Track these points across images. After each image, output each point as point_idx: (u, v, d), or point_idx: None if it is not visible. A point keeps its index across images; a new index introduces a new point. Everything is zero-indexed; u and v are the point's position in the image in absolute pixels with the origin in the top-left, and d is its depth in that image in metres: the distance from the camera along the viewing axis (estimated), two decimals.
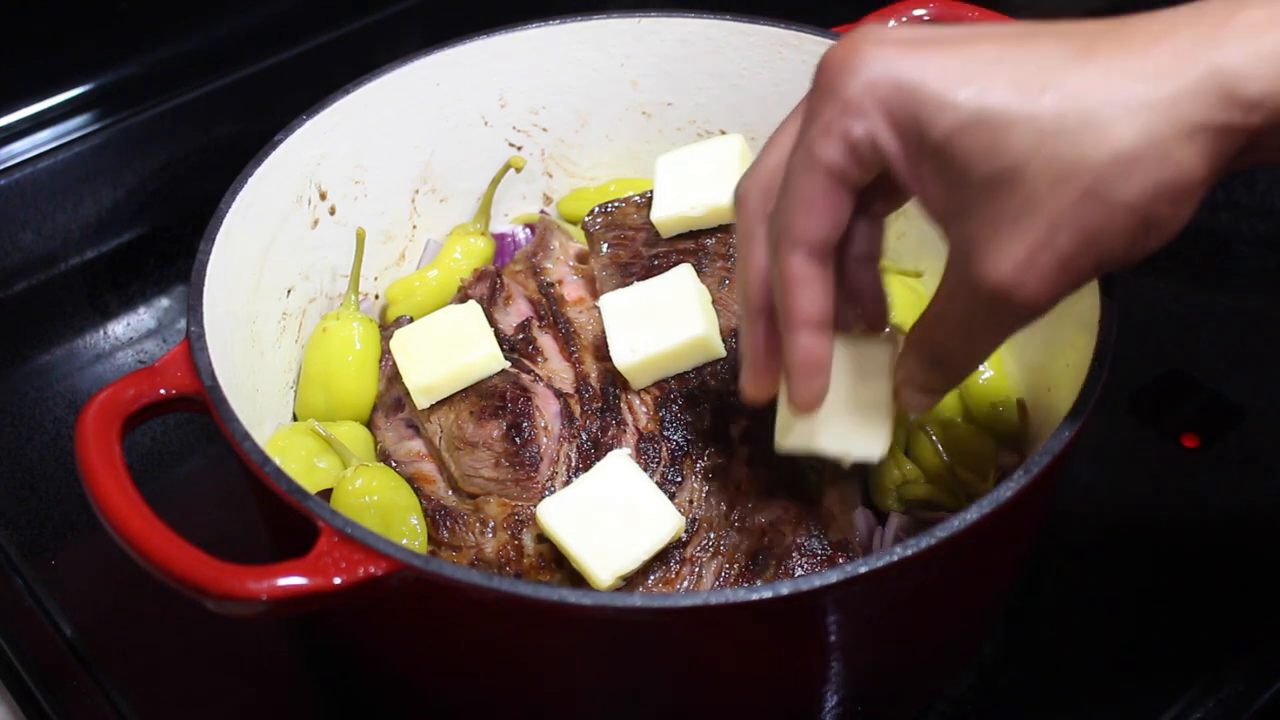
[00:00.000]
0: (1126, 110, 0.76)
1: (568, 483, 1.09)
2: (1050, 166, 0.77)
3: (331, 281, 1.27)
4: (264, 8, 1.81)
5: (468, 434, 1.11)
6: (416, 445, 1.17)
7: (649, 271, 1.18)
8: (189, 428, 1.37)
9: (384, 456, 1.17)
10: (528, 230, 1.38)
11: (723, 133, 1.36)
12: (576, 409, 1.13)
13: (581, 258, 1.27)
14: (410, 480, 1.14)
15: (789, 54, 1.29)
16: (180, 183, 1.66)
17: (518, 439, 1.10)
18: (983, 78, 0.78)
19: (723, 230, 1.19)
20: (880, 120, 0.81)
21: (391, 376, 1.19)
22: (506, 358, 1.15)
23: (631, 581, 1.03)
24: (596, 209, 1.23)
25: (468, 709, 1.05)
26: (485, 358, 1.13)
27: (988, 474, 1.15)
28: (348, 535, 0.88)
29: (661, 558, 1.04)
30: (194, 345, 1.00)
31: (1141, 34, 0.78)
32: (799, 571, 1.02)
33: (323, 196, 1.23)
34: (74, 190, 1.63)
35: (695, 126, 1.36)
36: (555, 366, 1.17)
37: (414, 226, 1.34)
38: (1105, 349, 1.00)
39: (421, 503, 1.12)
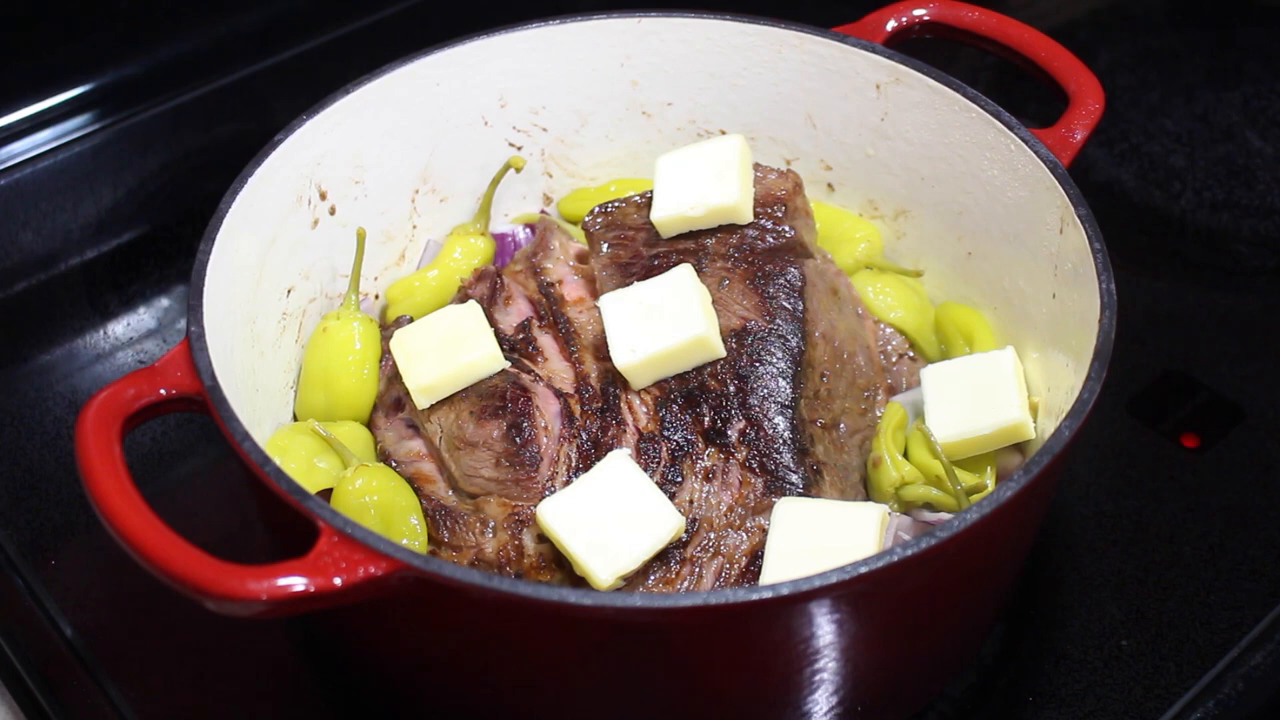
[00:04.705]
0: None
1: (568, 483, 1.09)
2: None
3: (331, 281, 1.27)
4: (264, 8, 1.81)
5: (468, 434, 1.11)
6: (416, 445, 1.17)
7: (649, 271, 1.18)
8: (189, 428, 1.37)
9: (384, 456, 1.17)
10: (528, 230, 1.38)
11: (723, 133, 1.36)
12: (576, 409, 1.13)
13: (581, 258, 1.27)
14: (410, 480, 1.14)
15: (789, 54, 1.29)
16: (180, 183, 1.66)
17: (518, 439, 1.10)
18: None
19: (723, 230, 1.19)
20: None
21: (391, 376, 1.19)
22: (506, 358, 1.15)
23: (631, 581, 1.03)
24: (596, 209, 1.23)
25: (468, 709, 1.05)
26: (485, 358, 1.13)
27: (987, 474, 1.15)
28: (348, 535, 0.88)
29: (661, 558, 1.04)
30: (194, 345, 1.00)
31: None
32: None
33: (323, 196, 1.23)
34: (74, 190, 1.63)
35: (695, 126, 1.36)
36: (555, 366, 1.17)
37: (414, 226, 1.34)
38: (1105, 349, 1.00)
39: (422, 503, 1.12)
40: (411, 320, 1.23)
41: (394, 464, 1.16)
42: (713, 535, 1.06)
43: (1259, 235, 1.57)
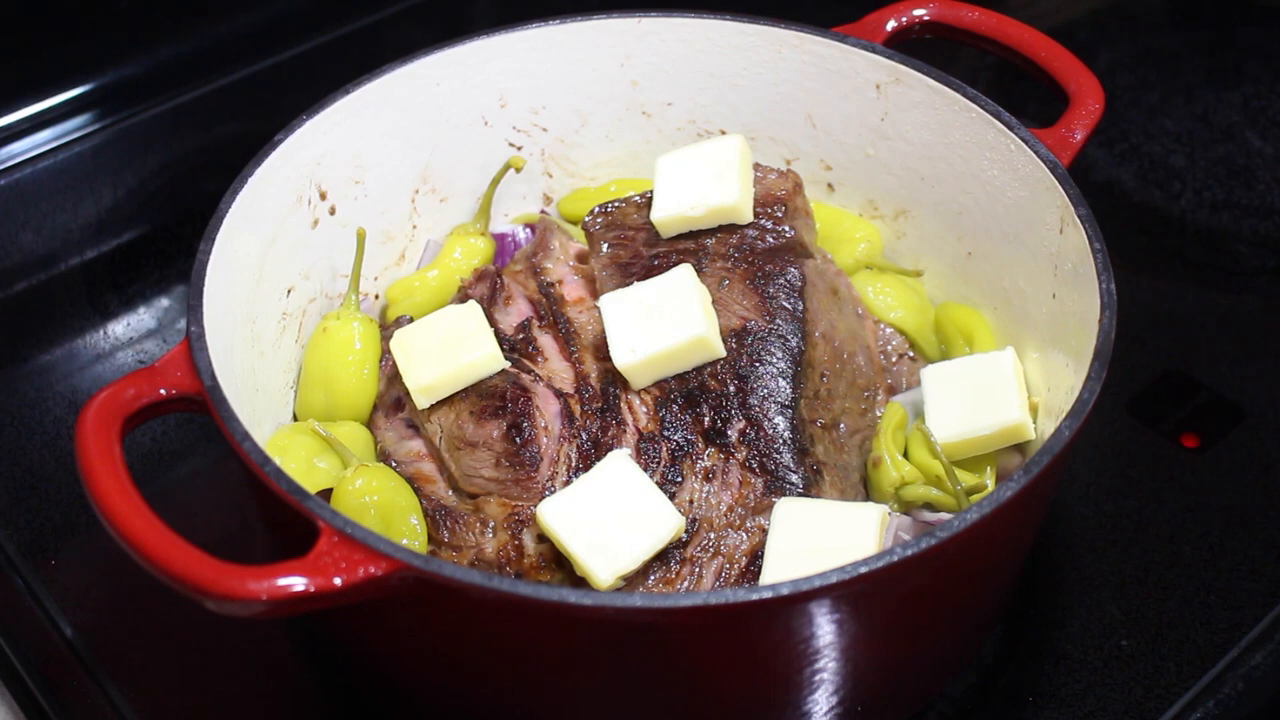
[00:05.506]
0: None
1: (568, 483, 1.09)
2: None
3: (331, 281, 1.27)
4: (264, 8, 1.81)
5: (468, 434, 1.11)
6: (416, 445, 1.17)
7: (649, 271, 1.18)
8: (189, 428, 1.37)
9: (384, 456, 1.17)
10: (528, 230, 1.38)
11: (723, 133, 1.36)
12: (576, 409, 1.13)
13: (581, 258, 1.27)
14: (410, 480, 1.14)
15: (789, 54, 1.29)
16: (180, 183, 1.66)
17: (518, 439, 1.10)
18: None
19: (723, 230, 1.19)
20: None
21: (391, 376, 1.19)
22: (506, 358, 1.15)
23: (631, 581, 1.03)
24: (597, 209, 1.23)
25: (468, 709, 1.05)
26: (485, 358, 1.13)
27: (987, 474, 1.15)
28: (348, 535, 0.88)
29: (661, 558, 1.04)
30: (194, 345, 1.00)
31: None
32: None
33: (323, 196, 1.23)
34: (74, 190, 1.63)
35: (695, 126, 1.36)
36: (555, 366, 1.17)
37: (414, 226, 1.34)
38: (1105, 349, 1.00)
39: (422, 503, 1.12)
40: (411, 320, 1.23)
41: (394, 464, 1.16)
42: (713, 535, 1.06)
43: (1259, 235, 1.57)
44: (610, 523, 1.01)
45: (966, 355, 1.22)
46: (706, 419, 1.10)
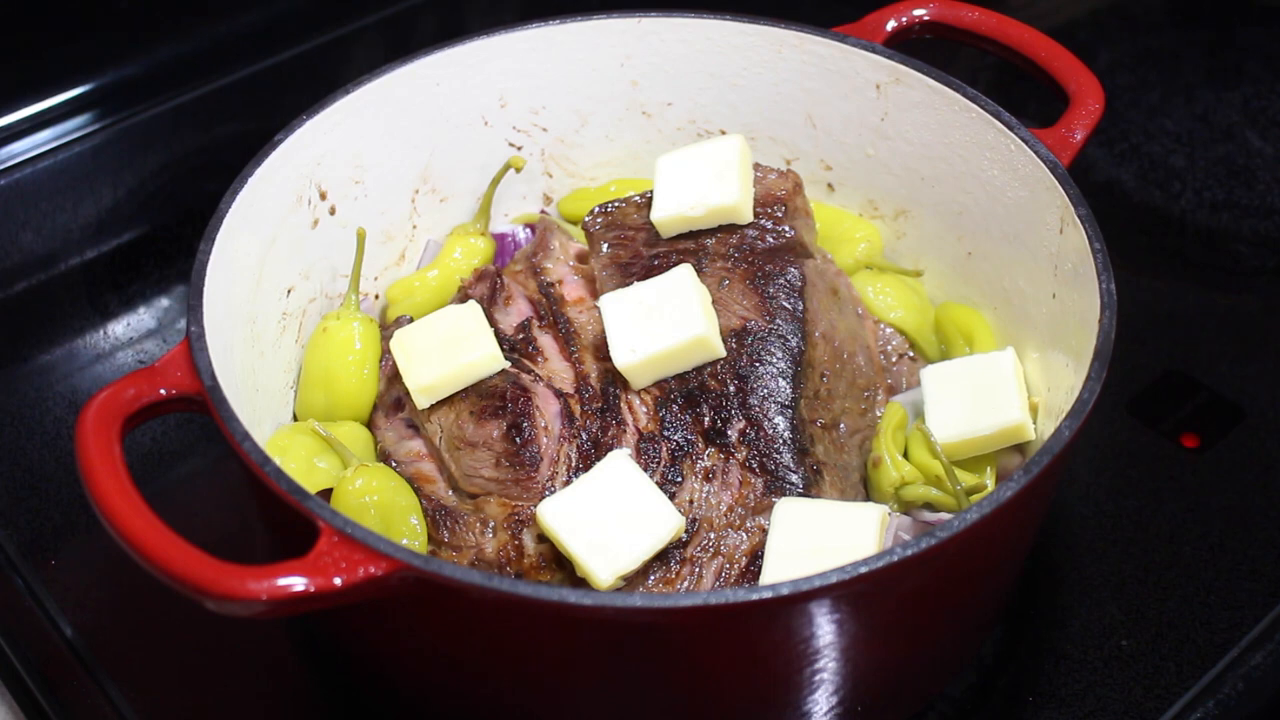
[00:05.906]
0: None
1: (568, 483, 1.09)
2: None
3: (331, 281, 1.27)
4: (264, 8, 1.81)
5: (468, 434, 1.11)
6: (416, 445, 1.17)
7: (649, 271, 1.18)
8: (189, 428, 1.37)
9: (384, 456, 1.17)
10: (528, 230, 1.38)
11: (723, 133, 1.36)
12: (576, 409, 1.13)
13: (581, 258, 1.27)
14: (410, 480, 1.14)
15: (789, 54, 1.29)
16: (180, 183, 1.66)
17: (518, 439, 1.10)
18: None
19: (723, 230, 1.19)
20: None
21: (391, 376, 1.19)
22: (506, 358, 1.15)
23: (631, 581, 1.03)
24: (597, 209, 1.23)
25: (468, 709, 1.05)
26: (485, 358, 1.13)
27: (987, 474, 1.15)
28: (348, 535, 0.88)
29: (661, 558, 1.04)
30: (194, 345, 1.00)
31: None
32: None
33: (323, 196, 1.23)
34: (74, 190, 1.63)
35: (695, 126, 1.36)
36: (555, 366, 1.17)
37: (414, 226, 1.34)
38: (1105, 349, 1.00)
39: (422, 503, 1.12)
40: (411, 320, 1.23)
41: (394, 464, 1.16)
42: (713, 535, 1.06)
43: (1259, 235, 1.57)
44: (610, 523, 1.01)
45: (966, 355, 1.22)
46: (706, 419, 1.10)
